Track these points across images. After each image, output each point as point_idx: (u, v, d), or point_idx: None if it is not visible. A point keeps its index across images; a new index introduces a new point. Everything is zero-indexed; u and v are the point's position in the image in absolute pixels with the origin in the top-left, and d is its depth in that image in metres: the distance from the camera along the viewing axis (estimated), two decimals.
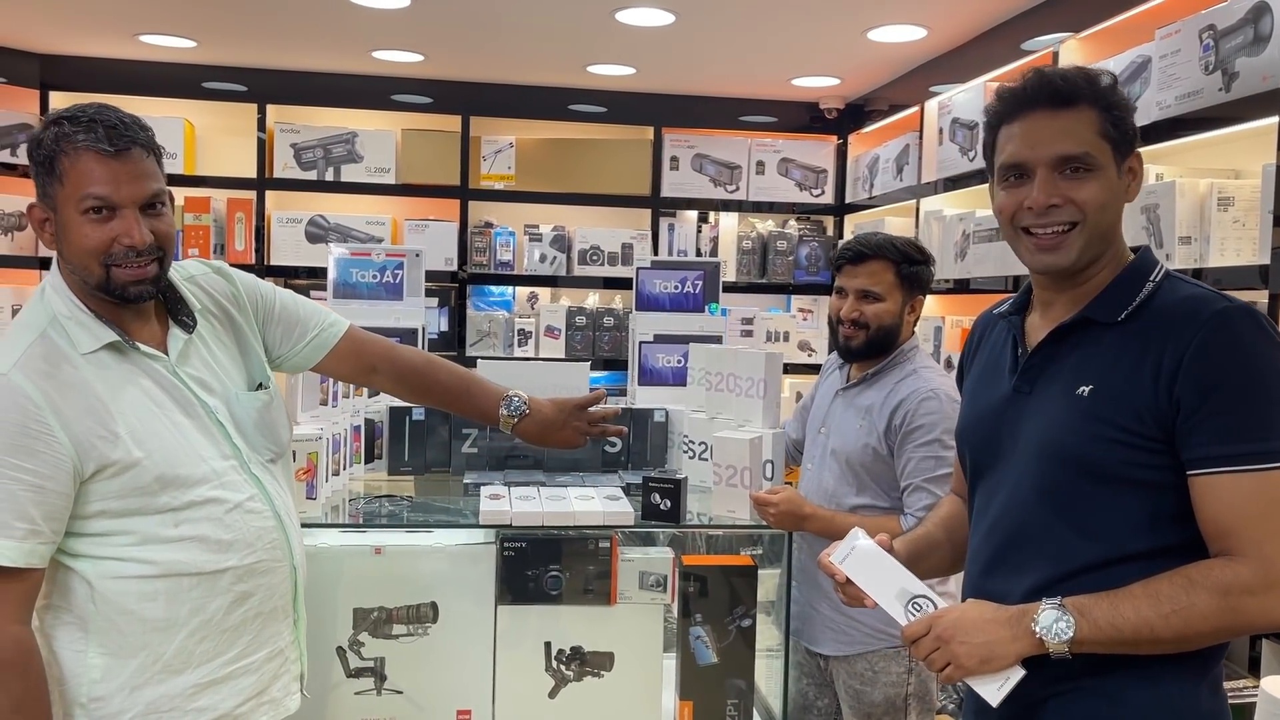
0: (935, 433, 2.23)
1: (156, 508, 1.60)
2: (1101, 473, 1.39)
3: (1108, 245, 1.45)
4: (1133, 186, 1.46)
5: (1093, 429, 1.39)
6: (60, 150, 1.54)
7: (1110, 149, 1.42)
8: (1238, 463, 1.32)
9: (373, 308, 2.97)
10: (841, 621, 2.35)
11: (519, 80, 4.75)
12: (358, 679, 2.22)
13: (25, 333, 1.58)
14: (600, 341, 4.78)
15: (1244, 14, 2.34)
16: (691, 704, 2.27)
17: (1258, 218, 2.39)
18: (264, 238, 4.65)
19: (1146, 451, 1.37)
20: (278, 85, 4.68)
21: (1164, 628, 1.32)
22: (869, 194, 4.66)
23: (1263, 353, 1.34)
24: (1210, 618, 1.31)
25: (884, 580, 1.52)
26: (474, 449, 2.73)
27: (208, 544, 1.63)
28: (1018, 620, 1.37)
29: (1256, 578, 1.30)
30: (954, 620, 1.40)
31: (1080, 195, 1.41)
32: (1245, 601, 1.30)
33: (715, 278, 3.13)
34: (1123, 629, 1.33)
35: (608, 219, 4.98)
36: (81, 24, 4.04)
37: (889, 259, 2.37)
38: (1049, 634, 1.34)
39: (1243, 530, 1.31)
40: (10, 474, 1.50)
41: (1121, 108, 1.43)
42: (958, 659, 1.38)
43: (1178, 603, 1.31)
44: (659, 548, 2.37)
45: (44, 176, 1.57)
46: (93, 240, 1.55)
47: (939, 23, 3.59)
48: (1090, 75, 1.44)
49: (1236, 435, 1.32)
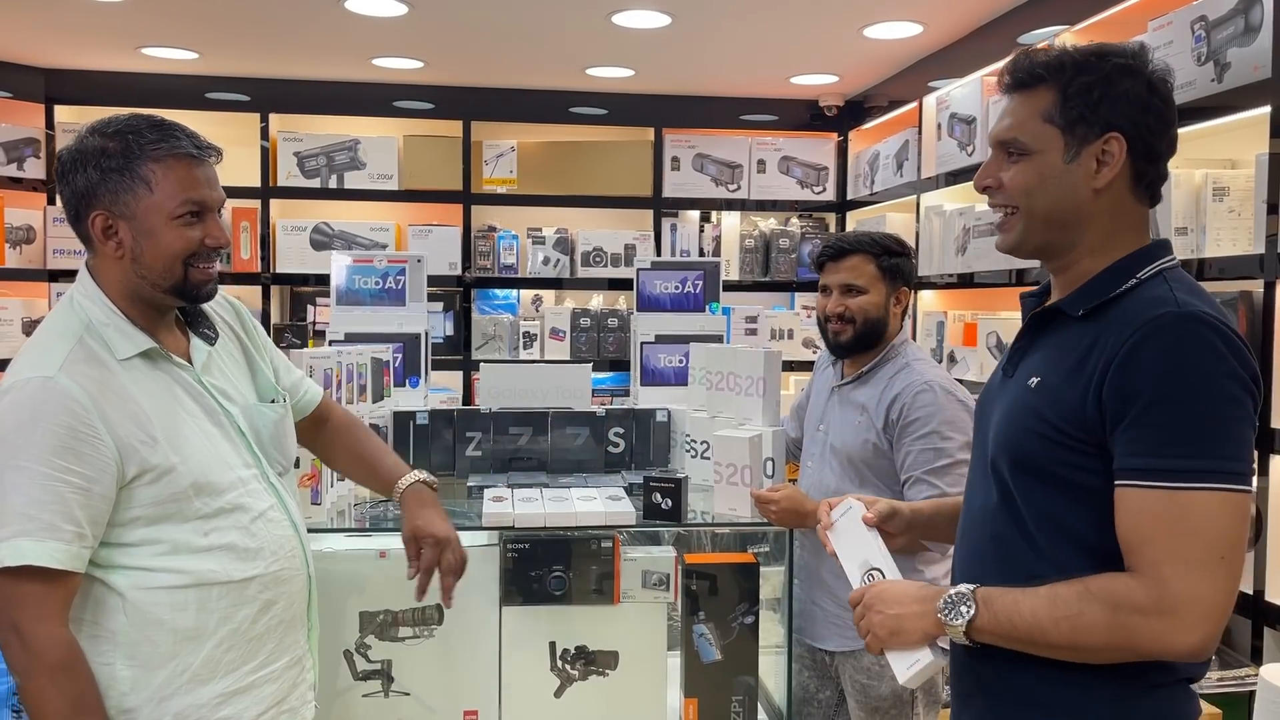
0: (932, 424, 2.25)
1: (189, 514, 1.62)
2: (1033, 467, 1.36)
3: (1070, 234, 1.40)
4: (1102, 172, 1.36)
5: (1029, 422, 1.37)
6: (146, 158, 1.58)
7: (1058, 133, 1.37)
8: (1148, 478, 1.26)
9: (376, 314, 2.99)
10: (846, 617, 2.37)
11: (519, 84, 4.77)
12: (365, 681, 2.24)
13: (62, 338, 1.59)
14: (605, 343, 4.80)
15: (1234, 4, 2.35)
16: (696, 701, 2.28)
17: (1253, 207, 2.39)
18: (269, 246, 4.68)
19: (1077, 453, 1.32)
20: (280, 94, 4.71)
21: (1054, 632, 1.29)
22: (870, 190, 4.67)
23: (1195, 364, 1.25)
24: (1098, 631, 1.27)
25: (855, 546, 1.61)
26: (478, 452, 2.76)
27: (236, 552, 1.65)
28: (929, 599, 1.40)
29: (1149, 599, 1.24)
30: (879, 591, 1.47)
31: (1007, 178, 1.41)
32: (1135, 621, 1.25)
33: (715, 277, 3.15)
34: (1017, 625, 1.32)
35: (610, 220, 5.00)
36: (85, 38, 4.08)
37: (868, 252, 2.41)
38: (948, 616, 1.36)
39: (1143, 548, 1.26)
40: (60, 476, 1.50)
41: (1079, 91, 1.36)
42: (873, 627, 1.44)
43: (1070, 609, 1.28)
44: (662, 547, 2.39)
45: (118, 186, 1.58)
46: (184, 243, 1.60)
47: (935, 19, 3.60)
48: (1059, 56, 1.39)
49: (1151, 449, 1.25)
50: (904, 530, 1.72)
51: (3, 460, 1.50)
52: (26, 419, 1.50)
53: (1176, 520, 1.24)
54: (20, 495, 1.48)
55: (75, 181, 1.60)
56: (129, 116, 1.63)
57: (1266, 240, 2.26)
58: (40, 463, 1.49)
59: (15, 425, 1.51)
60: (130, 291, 1.63)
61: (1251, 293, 2.32)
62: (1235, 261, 2.38)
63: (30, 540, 1.48)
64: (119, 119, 1.63)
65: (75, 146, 1.61)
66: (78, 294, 1.65)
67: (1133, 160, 1.37)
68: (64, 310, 1.64)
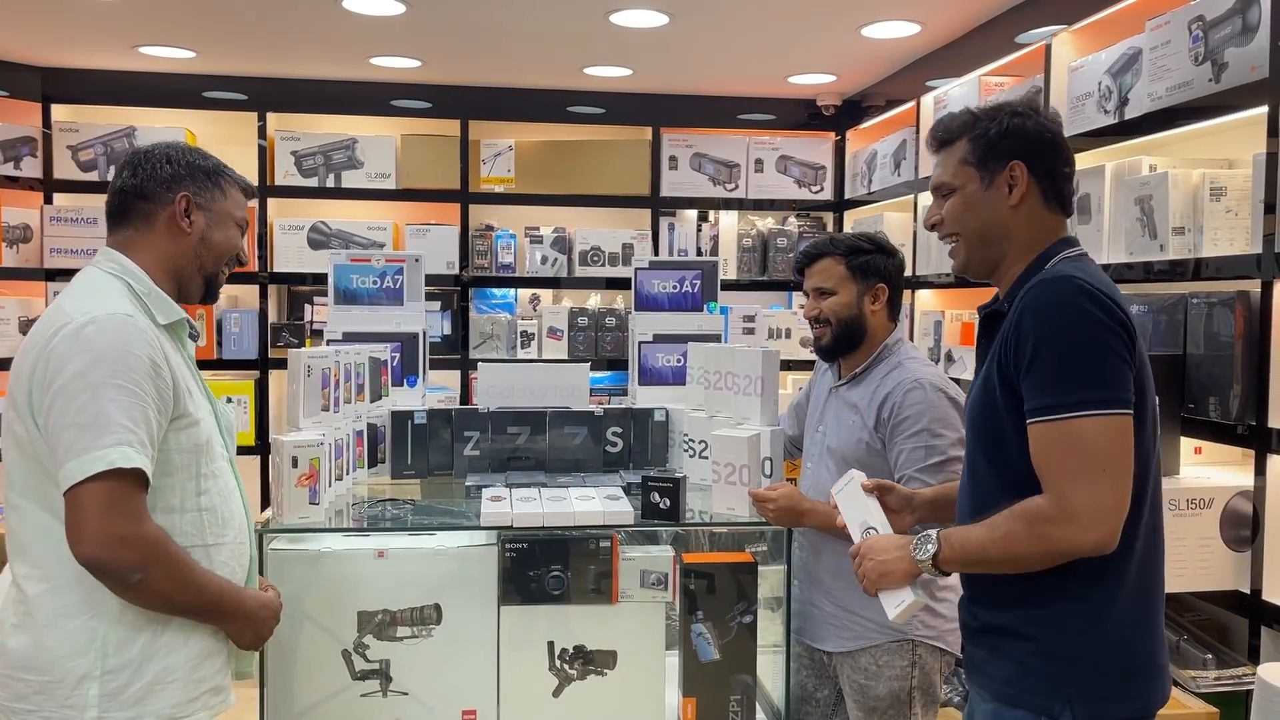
0: (923, 422, 2.25)
1: (194, 471, 1.79)
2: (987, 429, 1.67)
3: (1000, 248, 1.73)
4: (1015, 190, 1.70)
5: (983, 398, 1.68)
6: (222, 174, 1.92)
7: (974, 170, 1.72)
8: (1041, 413, 1.55)
9: (373, 313, 2.99)
10: (844, 617, 2.37)
11: (516, 83, 4.77)
12: (363, 681, 2.24)
13: (118, 294, 1.77)
14: (603, 342, 4.80)
15: (1232, 4, 2.35)
16: (695, 700, 2.29)
17: (1250, 207, 2.40)
18: (267, 245, 4.68)
19: (1006, 410, 1.62)
20: (277, 93, 4.70)
21: (993, 549, 1.60)
22: (868, 189, 4.67)
23: (1061, 316, 1.55)
24: (1024, 541, 1.56)
25: (856, 510, 1.92)
26: (476, 451, 2.76)
27: (216, 516, 1.82)
28: (905, 545, 1.74)
29: (1054, 509, 1.54)
30: (870, 543, 1.81)
31: (944, 211, 1.77)
32: (1048, 530, 1.54)
33: (713, 277, 3.15)
34: (969, 549, 1.63)
35: (608, 220, 5.00)
36: (82, 37, 4.07)
37: (835, 254, 2.44)
38: (918, 551, 1.69)
39: (1044, 470, 1.56)
40: (148, 400, 1.69)
41: (984, 135, 1.71)
42: (866, 573, 1.78)
43: (1002, 530, 1.59)
44: (660, 546, 2.39)
45: (206, 182, 1.88)
46: (233, 244, 1.93)
47: (932, 18, 3.60)
48: (965, 117, 1.76)
49: (1040, 390, 1.55)
50: (904, 507, 2.02)
51: (103, 377, 1.65)
52: (121, 345, 1.68)
53: (1066, 444, 1.54)
54: (120, 409, 1.65)
55: (159, 170, 1.85)
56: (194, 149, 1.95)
57: (1264, 240, 2.27)
58: (134, 384, 1.67)
59: (111, 349, 1.67)
60: (174, 270, 1.86)
61: (1249, 292, 2.33)
62: (1232, 261, 2.38)
63: (132, 449, 1.65)
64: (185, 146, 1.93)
65: (157, 148, 1.88)
66: (105, 267, 1.81)
67: (1036, 179, 1.70)
68: (97, 275, 1.81)
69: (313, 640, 2.23)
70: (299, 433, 2.28)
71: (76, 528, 1.62)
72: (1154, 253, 2.58)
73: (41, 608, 1.69)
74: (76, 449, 1.62)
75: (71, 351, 1.66)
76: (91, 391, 1.64)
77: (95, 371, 1.65)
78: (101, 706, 1.68)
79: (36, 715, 1.68)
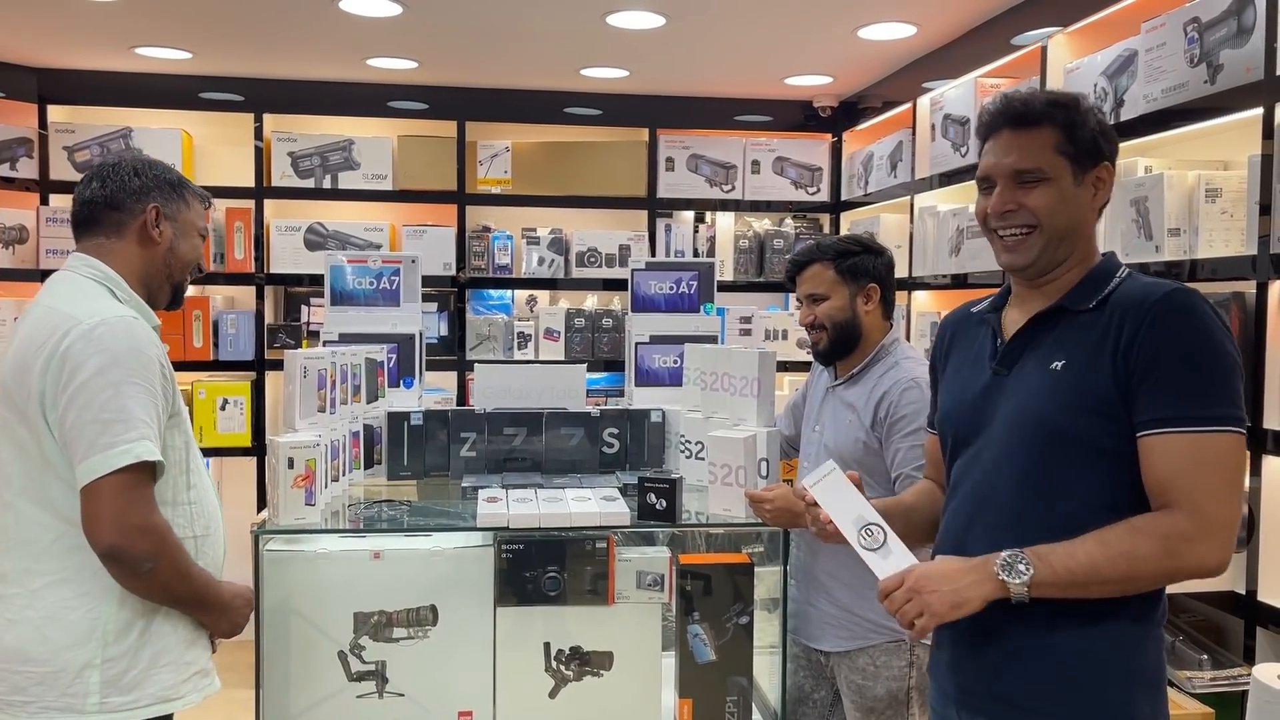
0: (919, 421, 2.26)
1: (184, 466, 1.89)
2: (1068, 438, 1.55)
3: (1071, 248, 1.63)
4: (1099, 194, 1.63)
5: (1063, 399, 1.55)
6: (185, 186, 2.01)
7: (1067, 163, 1.60)
8: (1177, 425, 1.48)
9: (370, 314, 2.99)
10: (842, 618, 2.37)
11: (513, 85, 4.77)
12: (360, 683, 2.24)
13: (105, 297, 1.86)
14: (599, 343, 4.80)
15: (1227, 6, 2.36)
16: (691, 702, 2.29)
17: (1245, 208, 2.40)
18: (263, 246, 4.67)
19: (1107, 419, 1.53)
20: (274, 94, 4.70)
21: (1110, 569, 1.48)
22: (864, 191, 4.68)
23: (1200, 329, 1.50)
24: (1151, 560, 1.47)
25: (844, 505, 1.70)
26: (472, 453, 2.76)
27: (201, 509, 1.93)
28: (982, 566, 1.52)
29: (1193, 525, 1.46)
30: (925, 572, 1.55)
31: (1031, 201, 1.60)
32: (1181, 546, 1.46)
33: (710, 278, 3.14)
34: (1075, 570, 1.48)
35: (605, 221, 5.00)
36: (78, 38, 4.06)
37: (824, 259, 2.46)
38: (1010, 575, 1.49)
39: (1179, 485, 1.48)
40: (158, 396, 1.80)
41: (1082, 126, 1.60)
42: (930, 607, 1.52)
43: (1123, 546, 1.48)
44: (656, 547, 2.39)
45: (171, 194, 1.97)
46: (197, 253, 2.03)
47: (928, 20, 3.61)
48: (1053, 99, 1.62)
49: (1177, 401, 1.48)
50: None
51: (123, 375, 1.75)
52: (133, 344, 1.78)
53: (1205, 459, 1.47)
54: (140, 405, 1.75)
55: (129, 181, 1.93)
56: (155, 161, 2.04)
57: (1259, 241, 2.27)
58: (148, 382, 1.78)
59: (127, 349, 1.76)
60: (144, 277, 1.94)
61: (1244, 293, 2.33)
62: (1228, 262, 2.38)
63: (151, 443, 1.75)
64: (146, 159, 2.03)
65: (125, 159, 1.96)
66: (85, 272, 1.89)
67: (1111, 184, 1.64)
68: (79, 280, 1.88)
69: (309, 642, 2.22)
70: (295, 434, 2.27)
71: (97, 518, 1.71)
72: (1149, 254, 2.58)
73: (42, 601, 1.76)
74: (101, 444, 1.71)
75: (88, 351, 1.74)
76: (113, 389, 1.73)
77: (115, 370, 1.74)
78: (103, 693, 1.76)
79: (36, 705, 1.74)
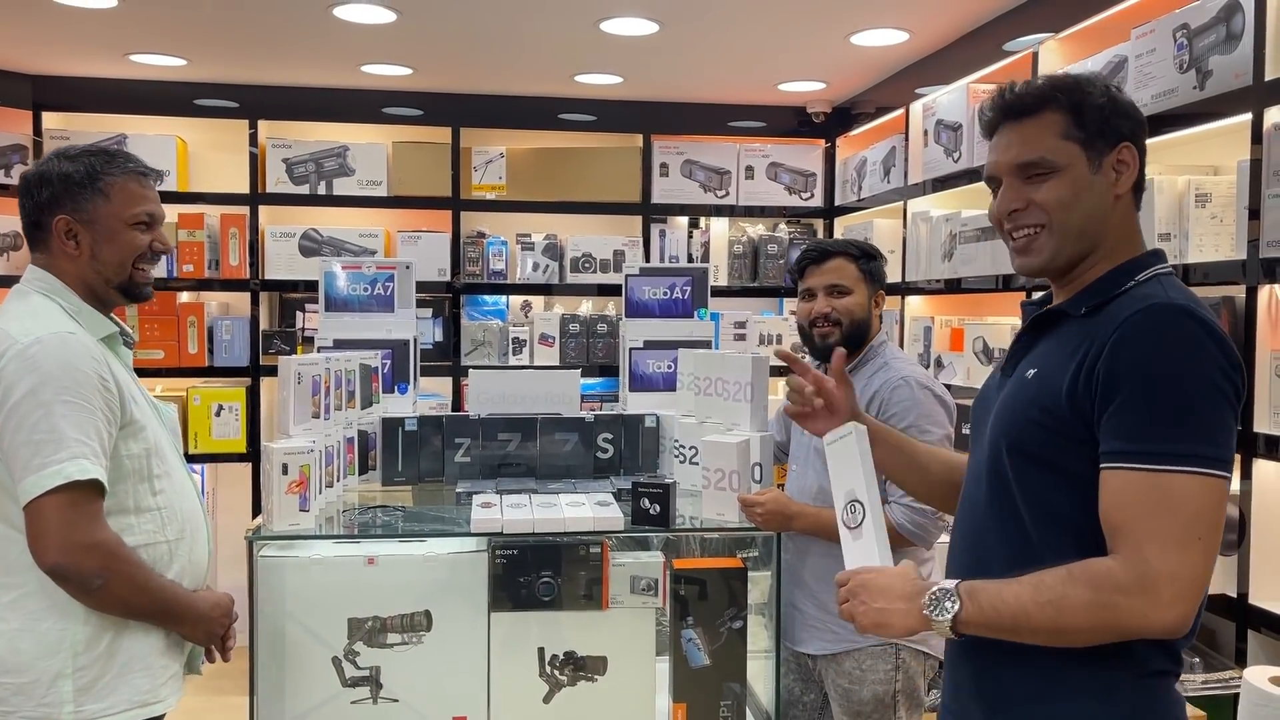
0: (910, 418, 2.27)
1: (146, 473, 1.86)
2: (1025, 452, 1.41)
3: (1091, 243, 1.45)
4: (1123, 178, 1.44)
5: (1026, 411, 1.42)
6: (103, 175, 1.88)
7: (1078, 148, 1.43)
8: (1132, 460, 1.30)
9: (364, 320, 2.99)
10: (827, 620, 2.38)
11: (508, 91, 4.78)
12: (354, 688, 2.24)
13: (50, 313, 1.83)
14: (594, 348, 4.81)
15: (1216, 12, 2.37)
16: (685, 706, 2.29)
17: (1235, 213, 2.41)
18: (258, 252, 4.67)
19: (1067, 439, 1.37)
20: (268, 101, 4.71)
21: (1039, 616, 1.31)
22: (857, 196, 4.69)
23: (1177, 352, 1.31)
24: (1081, 611, 1.29)
25: (844, 473, 1.63)
26: (467, 458, 2.76)
27: (174, 513, 1.91)
28: (914, 596, 1.42)
29: (1130, 577, 1.27)
30: (865, 581, 1.48)
31: (1039, 196, 1.45)
32: (1117, 600, 1.27)
33: (703, 283, 3.15)
34: (1002, 613, 1.34)
35: (599, 226, 5.01)
36: (73, 45, 4.07)
37: (850, 255, 2.47)
38: (933, 612, 1.39)
39: (1125, 528, 1.30)
40: (97, 412, 1.75)
41: (1090, 106, 1.43)
42: (856, 617, 1.47)
43: (1054, 593, 1.30)
44: (650, 552, 2.39)
45: (81, 195, 1.87)
46: (138, 244, 1.91)
47: (921, 26, 3.62)
48: (1054, 81, 1.47)
49: (1134, 433, 1.30)
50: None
51: (52, 395, 1.71)
52: (66, 362, 1.74)
53: (1158, 501, 1.28)
54: (72, 424, 1.72)
55: (40, 195, 1.88)
56: (87, 146, 1.96)
57: (1248, 246, 2.29)
58: (82, 399, 1.74)
59: (58, 366, 1.73)
60: (85, 286, 1.90)
61: (1234, 298, 2.35)
62: (1218, 267, 2.40)
63: (88, 461, 1.72)
64: (76, 147, 1.95)
65: (39, 169, 1.90)
66: (36, 286, 1.89)
67: (1141, 168, 1.46)
68: (29, 298, 1.87)
69: (303, 647, 2.22)
70: (289, 440, 2.28)
71: (39, 538, 1.71)
72: None
73: (13, 613, 1.77)
74: (34, 465, 1.69)
75: (20, 372, 1.72)
76: (44, 409, 1.71)
77: (45, 390, 1.71)
78: (77, 701, 1.77)
79: (16, 716, 1.75)
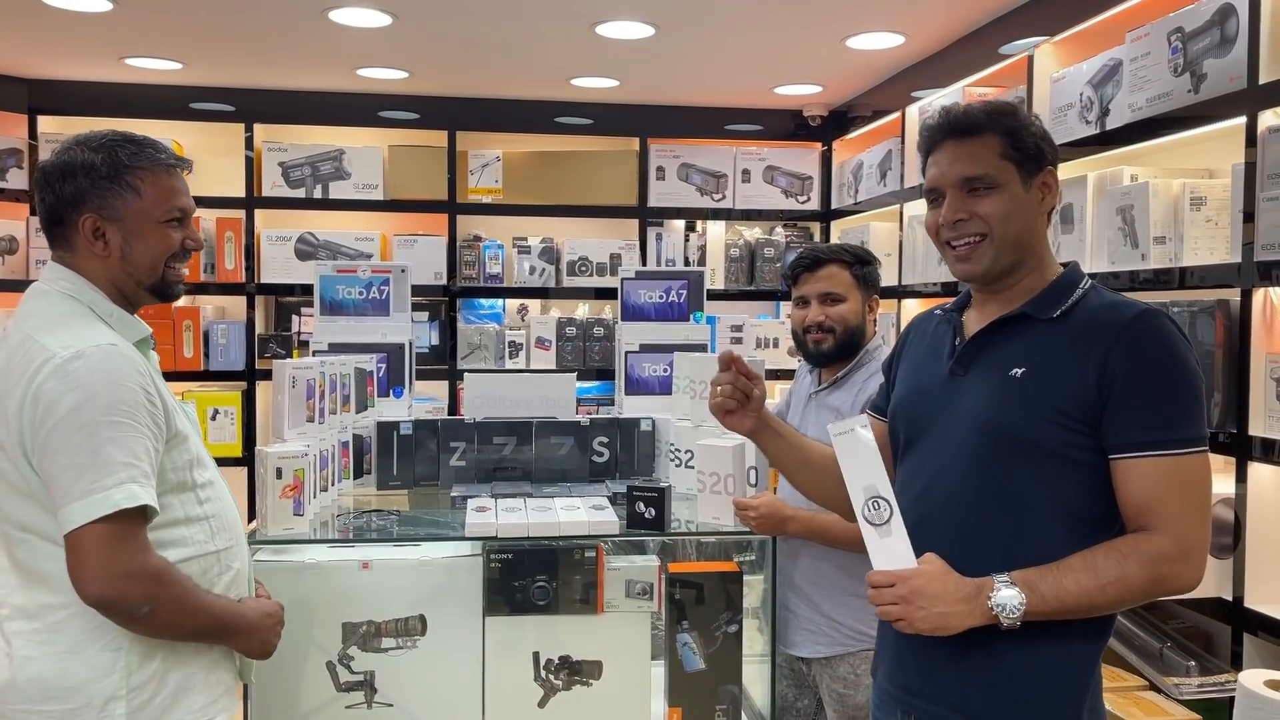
0: None
1: (191, 484, 1.76)
2: (1027, 447, 1.56)
3: (1024, 253, 1.64)
4: (1046, 199, 1.65)
5: (1023, 407, 1.56)
6: (131, 167, 1.73)
7: (1014, 168, 1.61)
8: (1158, 448, 1.51)
9: (359, 324, 2.99)
10: (820, 623, 2.38)
11: (504, 94, 4.78)
12: (348, 693, 2.24)
13: (83, 319, 1.70)
14: (591, 352, 4.80)
15: (1210, 16, 2.38)
16: (680, 710, 2.29)
17: (1229, 216, 2.41)
18: (254, 256, 4.67)
19: (1074, 432, 1.54)
20: (264, 104, 4.71)
21: (1101, 597, 1.50)
22: (854, 199, 4.69)
23: (1175, 352, 1.53)
24: (1140, 586, 1.50)
25: (859, 467, 1.63)
26: (462, 462, 2.76)
27: (221, 521, 1.81)
28: (974, 597, 1.52)
29: (1177, 550, 1.50)
30: (918, 587, 1.53)
31: (982, 209, 1.61)
32: (1167, 569, 1.50)
33: (699, 286, 3.15)
34: (1065, 600, 1.50)
35: (596, 230, 5.01)
36: (68, 49, 4.06)
37: (844, 261, 2.47)
38: (1003, 610, 1.50)
39: (1163, 508, 1.50)
40: (143, 429, 1.64)
41: (1024, 133, 1.61)
42: (913, 622, 1.53)
43: (1113, 574, 1.50)
44: (645, 556, 2.39)
45: (109, 190, 1.72)
46: (170, 242, 1.78)
47: (917, 29, 3.62)
48: (992, 107, 1.64)
49: (1156, 424, 1.51)
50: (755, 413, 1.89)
51: (97, 414, 1.59)
52: (112, 379, 1.62)
53: (1184, 482, 1.50)
54: (119, 446, 1.60)
55: (62, 189, 1.72)
56: (109, 131, 1.78)
57: (1243, 249, 2.28)
58: (129, 418, 1.62)
59: (103, 384, 1.61)
60: (114, 288, 1.76)
61: (1228, 301, 2.34)
62: (1213, 270, 2.40)
63: (137, 485, 1.60)
64: (100, 134, 1.77)
65: (60, 159, 1.74)
66: (61, 287, 1.74)
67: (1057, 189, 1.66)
68: (57, 299, 1.73)
69: (297, 652, 2.22)
70: (284, 444, 2.27)
71: (80, 569, 1.59)
72: (1135, 262, 2.59)
73: (63, 634, 1.65)
74: (77, 491, 1.57)
75: (61, 390, 1.59)
76: (87, 430, 1.58)
77: (89, 409, 1.59)
78: None
79: None
